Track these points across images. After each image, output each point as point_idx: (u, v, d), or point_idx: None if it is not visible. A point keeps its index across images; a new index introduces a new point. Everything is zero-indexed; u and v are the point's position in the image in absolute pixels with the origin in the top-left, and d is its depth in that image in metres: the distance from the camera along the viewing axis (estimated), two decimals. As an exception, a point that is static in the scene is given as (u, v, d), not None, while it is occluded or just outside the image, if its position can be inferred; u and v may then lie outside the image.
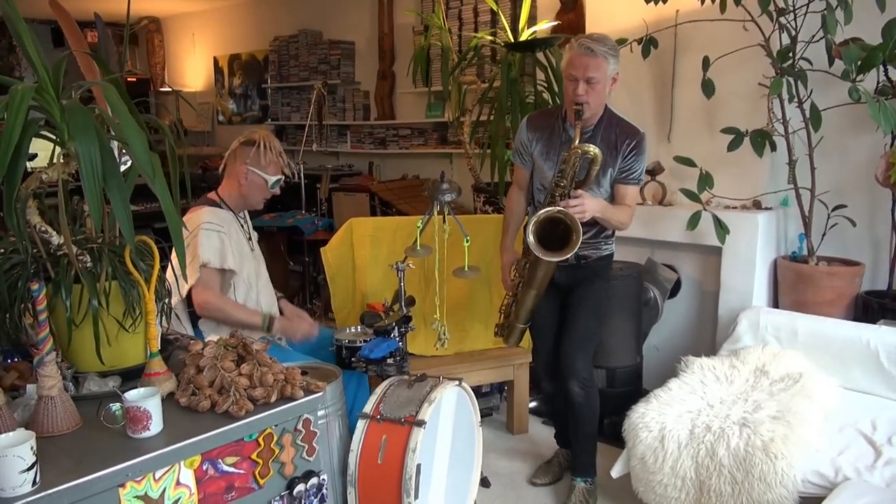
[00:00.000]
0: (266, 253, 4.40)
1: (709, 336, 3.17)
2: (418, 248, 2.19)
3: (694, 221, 2.78)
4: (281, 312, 2.60)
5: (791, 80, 2.59)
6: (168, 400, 1.45)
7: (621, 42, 2.90)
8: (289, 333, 2.46)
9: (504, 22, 3.51)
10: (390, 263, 2.41)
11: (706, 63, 2.75)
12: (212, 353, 1.53)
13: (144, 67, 7.98)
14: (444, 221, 2.28)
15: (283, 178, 2.43)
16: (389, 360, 2.24)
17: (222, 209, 2.41)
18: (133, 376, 1.53)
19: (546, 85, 3.50)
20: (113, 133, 1.41)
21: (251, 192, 2.41)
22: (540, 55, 3.35)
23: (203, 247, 2.25)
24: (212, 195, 2.45)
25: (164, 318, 1.58)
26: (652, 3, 2.63)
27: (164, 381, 1.47)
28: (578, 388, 2.33)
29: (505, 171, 3.49)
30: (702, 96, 2.86)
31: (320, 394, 1.50)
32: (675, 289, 3.30)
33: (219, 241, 2.30)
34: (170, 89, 7.35)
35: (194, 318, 2.37)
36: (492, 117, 3.51)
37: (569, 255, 2.15)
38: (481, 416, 3.13)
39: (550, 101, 3.51)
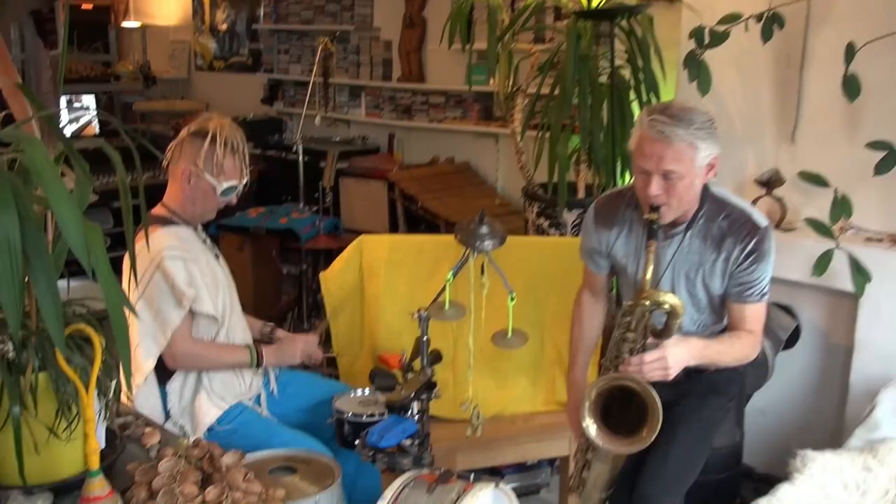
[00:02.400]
0: (252, 257, 4.48)
1: (835, 408, 3.09)
2: (447, 307, 2.15)
3: (823, 264, 2.70)
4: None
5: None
6: (111, 533, 1.44)
7: (735, 18, 2.79)
8: (284, 361, 2.51)
9: (574, -24, 3.41)
10: (410, 311, 2.37)
11: (850, 52, 2.64)
12: (168, 470, 1.51)
13: (105, -9, 8.01)
14: (483, 273, 2.22)
15: (241, 184, 2.40)
16: (405, 446, 2.21)
17: (177, 225, 2.39)
18: (69, 490, 1.53)
19: (627, 56, 3.40)
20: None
21: (195, 199, 2.38)
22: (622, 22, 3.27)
23: (174, 280, 2.25)
24: (159, 209, 2.43)
25: (107, 415, 1.57)
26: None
27: (107, 508, 1.46)
28: None
29: (567, 172, 3.42)
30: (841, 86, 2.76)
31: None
32: (793, 338, 3.22)
33: (185, 273, 2.29)
34: (135, 24, 7.36)
35: (161, 373, 2.38)
36: (552, 99, 3.42)
37: (644, 447, 2.03)
38: (525, 494, 3.10)
39: (632, 79, 3.41)
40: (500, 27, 3.58)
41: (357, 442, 2.26)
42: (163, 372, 2.35)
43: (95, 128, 6.34)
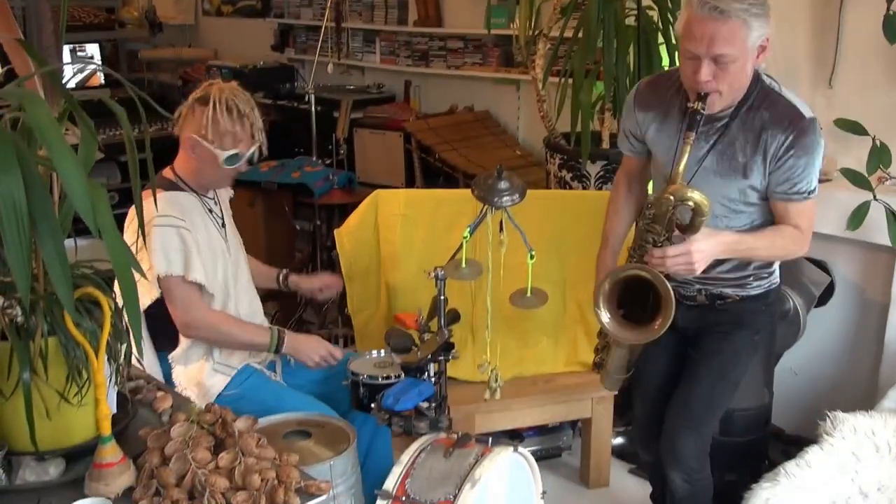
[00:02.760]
0: (264, 213, 4.50)
1: (869, 367, 3.10)
2: (463, 266, 2.16)
3: (859, 218, 2.69)
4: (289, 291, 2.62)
5: None
6: (125, 498, 1.48)
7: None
8: (300, 356, 2.51)
9: None
10: (425, 269, 2.39)
11: (892, -12, 2.58)
12: (181, 435, 1.55)
13: (106, -67, 7.95)
14: (501, 230, 2.23)
15: (248, 152, 2.40)
16: (422, 409, 2.25)
17: (182, 191, 2.42)
18: (81, 456, 1.57)
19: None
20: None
21: (201, 168, 2.41)
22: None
23: (157, 253, 2.26)
24: (167, 172, 2.46)
25: (119, 378, 1.61)
26: None
27: (120, 474, 1.50)
28: (681, 482, 2.29)
29: (590, 122, 3.39)
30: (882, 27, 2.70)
31: (322, 498, 1.52)
32: (826, 294, 3.21)
33: (179, 242, 2.31)
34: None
35: (158, 339, 2.41)
36: (575, 43, 3.38)
37: (652, 338, 2.06)
38: (546, 458, 3.15)
39: (659, 21, 3.36)
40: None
41: (373, 405, 2.30)
42: (164, 339, 2.39)
43: (100, 78, 6.34)
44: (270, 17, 6.31)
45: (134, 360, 1.73)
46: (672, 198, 2.00)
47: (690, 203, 1.99)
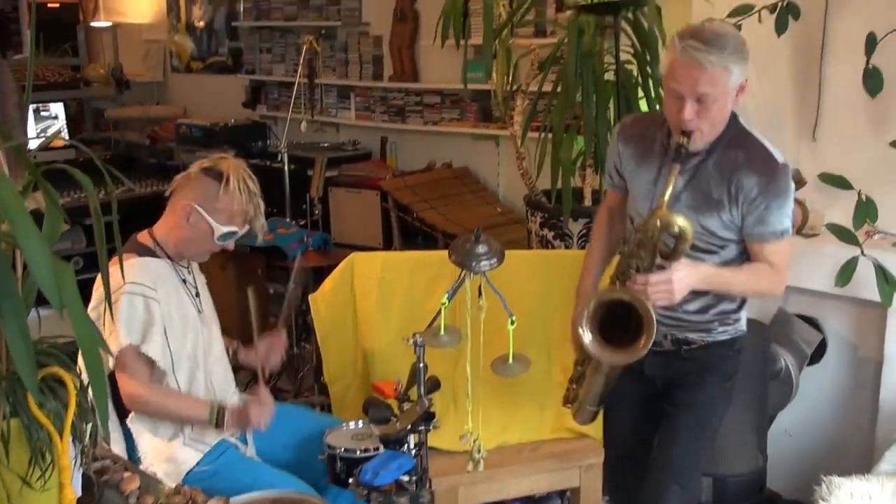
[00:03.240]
0: (236, 277, 4.52)
1: (865, 427, 3.13)
2: (442, 333, 2.19)
3: (847, 274, 2.74)
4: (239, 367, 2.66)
5: None
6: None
7: (746, 10, 2.84)
8: (247, 426, 2.50)
9: (575, -35, 3.45)
10: (406, 334, 2.41)
11: (871, 43, 2.68)
12: (149, 520, 1.55)
13: (72, -13, 8.07)
14: (480, 294, 2.27)
15: (243, 230, 2.47)
16: (402, 482, 2.26)
17: (157, 258, 2.45)
18: (43, 542, 1.57)
19: (633, 51, 3.44)
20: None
21: (191, 239, 2.46)
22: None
23: (121, 322, 2.29)
24: (143, 237, 2.49)
25: (84, 459, 1.61)
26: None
27: (84, 562, 1.50)
28: None
29: (571, 178, 3.45)
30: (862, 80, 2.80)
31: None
32: (818, 352, 3.25)
33: (144, 312, 2.34)
34: (106, 23, 7.42)
35: (119, 406, 2.42)
36: (554, 98, 3.46)
37: (635, 359, 2.15)
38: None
39: (638, 75, 3.45)
40: (498, 22, 3.61)
41: (351, 480, 2.31)
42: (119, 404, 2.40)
43: (64, 136, 6.40)
44: (242, 73, 6.39)
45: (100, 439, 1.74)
46: (658, 223, 2.11)
47: (676, 228, 2.11)
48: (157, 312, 2.34)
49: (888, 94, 2.82)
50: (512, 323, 2.21)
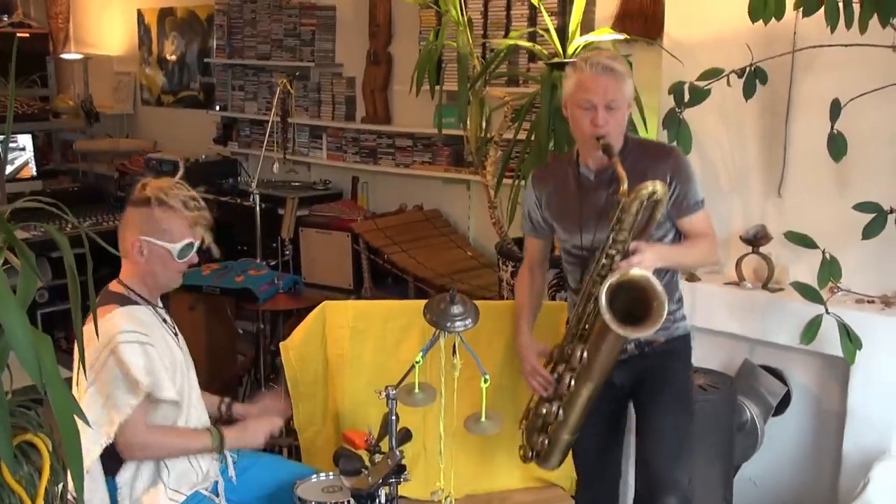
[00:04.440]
0: (206, 317, 4.49)
1: (828, 478, 3.15)
2: (416, 391, 2.20)
3: (811, 333, 2.78)
4: (233, 420, 2.68)
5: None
6: None
7: (715, 74, 2.90)
8: (247, 445, 2.56)
9: (549, 22, 3.50)
10: (377, 384, 2.42)
11: (835, 109, 2.74)
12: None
13: (42, 18, 8.02)
14: (455, 353, 2.28)
15: (198, 239, 2.47)
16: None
17: (137, 304, 2.44)
18: None
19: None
20: None
21: (154, 270, 2.45)
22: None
23: (128, 368, 2.28)
24: (114, 286, 2.48)
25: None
26: (761, 22, 2.62)
27: None
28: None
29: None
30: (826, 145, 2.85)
31: None
32: (783, 404, 3.29)
33: (144, 358, 2.33)
34: (76, 55, 7.39)
35: (107, 462, 2.39)
36: (528, 146, 3.50)
37: (654, 329, 2.32)
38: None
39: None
40: (472, 73, 3.66)
41: (321, 533, 2.29)
42: (110, 461, 2.37)
43: (32, 169, 6.33)
44: (213, 109, 6.39)
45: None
46: (635, 195, 2.32)
47: (654, 193, 2.32)
48: (155, 355, 2.34)
49: (851, 157, 2.87)
50: (485, 381, 2.22)
